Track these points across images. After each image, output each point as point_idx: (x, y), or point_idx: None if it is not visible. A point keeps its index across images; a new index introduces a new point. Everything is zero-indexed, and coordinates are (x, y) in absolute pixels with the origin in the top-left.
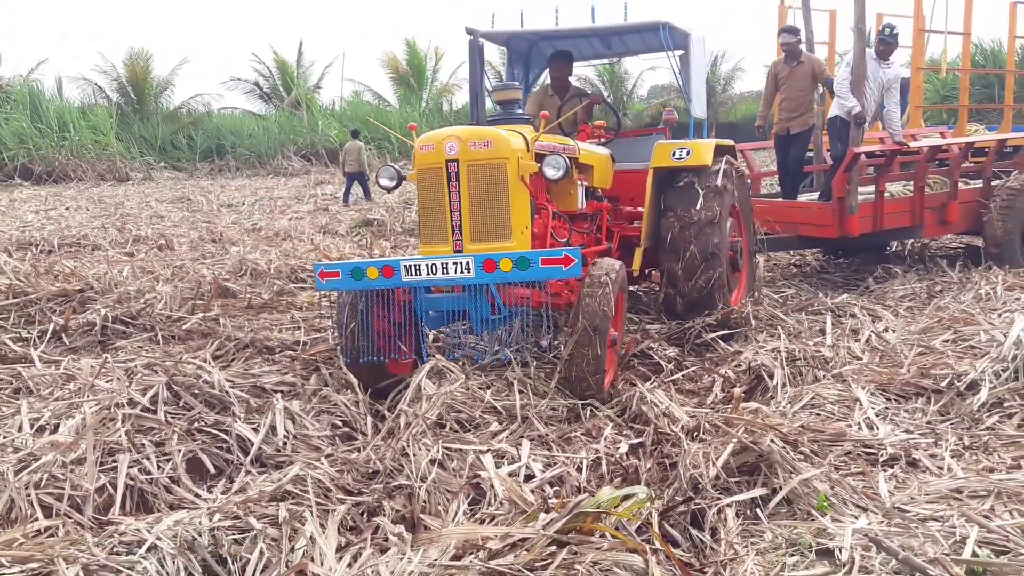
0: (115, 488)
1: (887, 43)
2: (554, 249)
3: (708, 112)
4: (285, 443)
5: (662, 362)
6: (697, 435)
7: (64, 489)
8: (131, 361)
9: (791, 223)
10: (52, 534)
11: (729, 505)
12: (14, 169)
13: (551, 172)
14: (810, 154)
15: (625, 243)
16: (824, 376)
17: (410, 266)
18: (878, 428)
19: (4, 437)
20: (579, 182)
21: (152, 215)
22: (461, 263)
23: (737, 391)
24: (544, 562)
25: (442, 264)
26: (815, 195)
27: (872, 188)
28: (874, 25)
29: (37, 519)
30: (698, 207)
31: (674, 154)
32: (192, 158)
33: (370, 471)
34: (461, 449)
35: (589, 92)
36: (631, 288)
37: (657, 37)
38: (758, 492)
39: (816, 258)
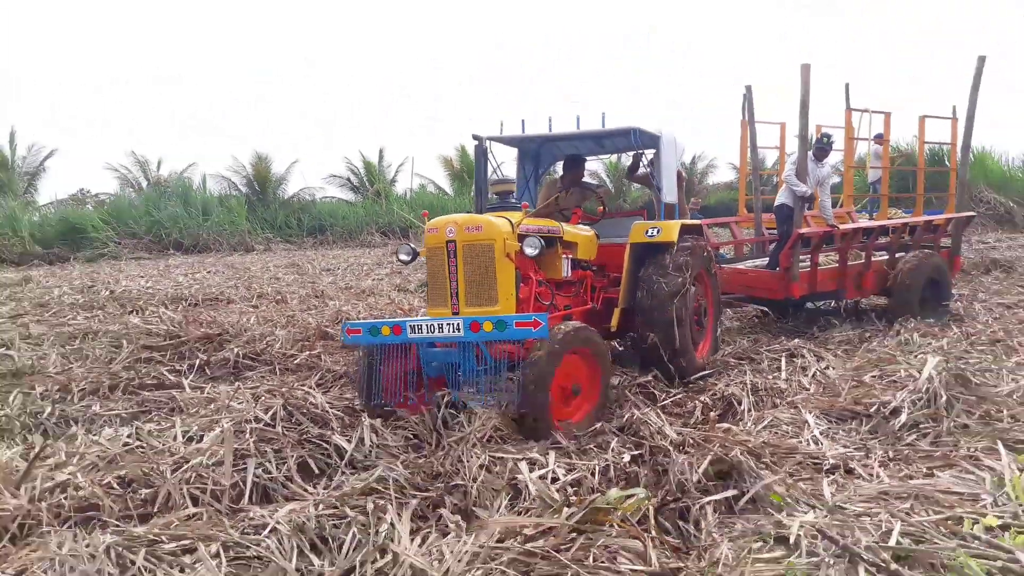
0: (245, 484)
1: (823, 148)
2: (526, 314)
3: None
4: (370, 451)
5: (655, 392)
6: (683, 448)
7: (207, 484)
8: (257, 388)
9: (745, 287)
10: (199, 519)
11: (708, 503)
12: (169, 243)
13: (529, 250)
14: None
15: (610, 303)
16: (780, 403)
17: (414, 326)
18: (822, 443)
19: (163, 445)
20: (564, 255)
21: (271, 277)
22: (453, 324)
23: (713, 414)
24: (567, 545)
25: (439, 325)
26: (756, 261)
27: (807, 260)
28: (814, 133)
29: (187, 507)
30: (664, 277)
31: (647, 232)
32: (301, 235)
33: (434, 473)
34: (502, 457)
35: (595, 184)
36: (614, 342)
37: (629, 139)
38: (730, 493)
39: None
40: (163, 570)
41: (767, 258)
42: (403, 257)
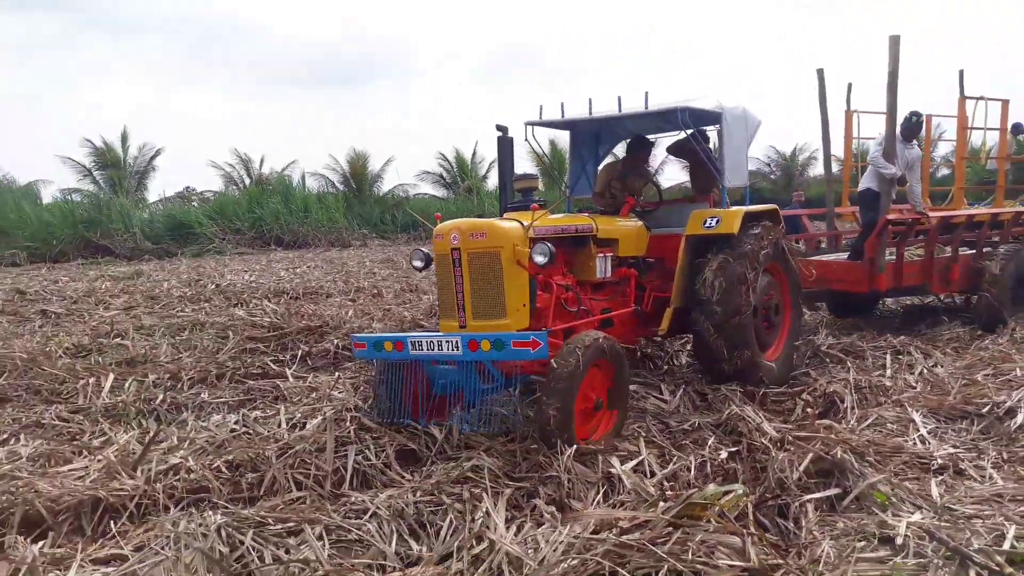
0: (345, 470)
1: (911, 127)
2: (524, 333)
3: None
4: (460, 441)
5: (752, 388)
6: (782, 446)
7: (310, 470)
8: (355, 378)
9: (823, 279)
10: (302, 502)
11: (809, 501)
12: (271, 238)
13: (539, 259)
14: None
15: (663, 304)
16: (885, 401)
17: (415, 342)
18: (930, 443)
19: (268, 431)
20: (599, 254)
21: (367, 272)
22: (451, 342)
23: (812, 411)
24: (663, 539)
25: (438, 342)
26: (832, 256)
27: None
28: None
29: (292, 491)
30: (723, 271)
31: (705, 222)
32: (395, 230)
33: (527, 463)
34: (594, 450)
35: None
36: (665, 340)
37: (678, 119)
38: (832, 492)
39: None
40: (270, 550)
41: (841, 253)
42: (416, 264)
